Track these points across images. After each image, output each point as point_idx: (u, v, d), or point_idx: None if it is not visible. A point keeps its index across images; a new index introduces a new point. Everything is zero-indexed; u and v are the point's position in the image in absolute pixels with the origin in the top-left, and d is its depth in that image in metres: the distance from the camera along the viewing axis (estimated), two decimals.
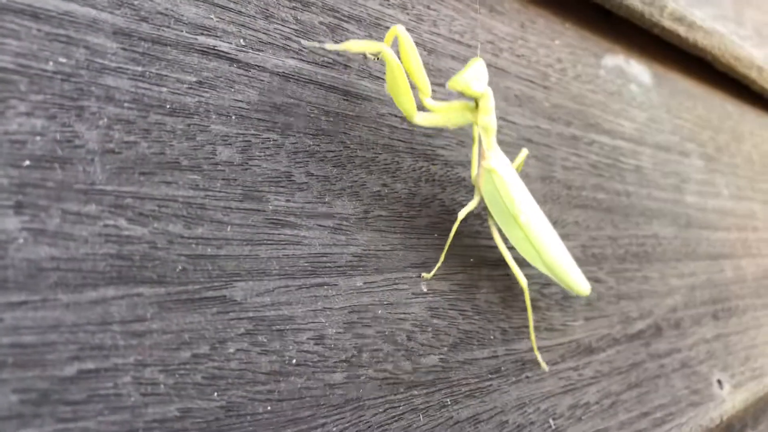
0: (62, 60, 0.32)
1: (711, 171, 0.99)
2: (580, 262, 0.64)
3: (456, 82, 0.44)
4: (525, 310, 0.55)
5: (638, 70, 0.89)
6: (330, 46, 0.43)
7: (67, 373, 0.29)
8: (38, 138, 0.31)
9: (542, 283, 0.58)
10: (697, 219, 0.89)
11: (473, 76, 0.44)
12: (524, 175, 0.61)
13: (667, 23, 0.85)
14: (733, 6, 1.07)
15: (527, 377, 0.52)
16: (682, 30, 0.88)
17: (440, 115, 0.46)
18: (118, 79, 0.34)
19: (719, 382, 0.76)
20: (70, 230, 0.31)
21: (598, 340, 0.62)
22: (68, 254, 0.30)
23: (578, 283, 0.54)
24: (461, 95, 0.46)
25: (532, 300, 0.56)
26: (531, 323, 0.51)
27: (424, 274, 0.47)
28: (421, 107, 0.47)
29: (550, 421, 0.53)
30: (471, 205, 0.48)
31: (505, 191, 0.48)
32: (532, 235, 0.50)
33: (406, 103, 0.44)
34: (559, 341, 0.57)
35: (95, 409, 0.29)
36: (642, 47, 0.91)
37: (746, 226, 1.02)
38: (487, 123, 0.46)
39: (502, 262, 0.55)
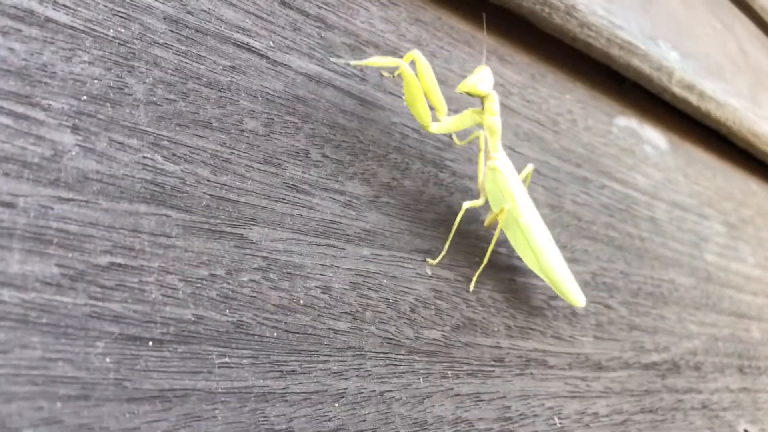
0: (121, 30, 0.40)
1: (734, 238, 1.01)
2: (589, 287, 0.66)
3: (464, 85, 0.50)
4: (531, 314, 0.57)
5: (652, 135, 0.94)
6: (354, 62, 0.50)
7: (101, 262, 0.34)
8: (96, 81, 0.37)
9: (549, 295, 0.61)
10: (719, 277, 0.90)
11: (479, 78, 0.50)
12: (532, 199, 0.65)
13: (677, 90, 0.91)
14: (748, 86, 1.13)
15: (532, 374, 0.54)
16: (693, 98, 0.94)
17: (452, 121, 0.52)
18: (164, 51, 0.41)
19: None
20: (114, 154, 0.37)
21: (608, 360, 0.63)
22: (111, 171, 0.36)
23: (573, 293, 0.57)
24: (469, 96, 0.52)
25: (539, 307, 0.59)
26: (488, 255, 0.54)
27: (429, 260, 0.51)
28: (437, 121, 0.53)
29: (555, 418, 0.54)
30: (476, 202, 0.53)
31: (508, 191, 0.53)
32: (531, 237, 0.54)
33: (422, 114, 0.50)
34: (566, 350, 0.59)
35: (121, 296, 0.34)
36: (656, 114, 0.96)
37: None
38: (492, 124, 0.52)
39: (508, 267, 0.58)
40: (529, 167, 0.60)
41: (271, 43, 0.48)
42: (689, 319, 0.79)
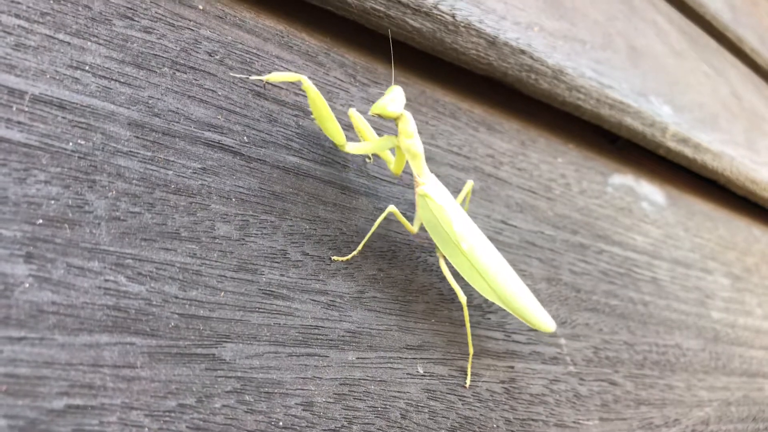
0: (81, 142, 0.38)
1: (739, 290, 0.98)
2: (592, 363, 0.63)
3: (375, 107, 0.47)
4: (532, 403, 0.54)
5: (649, 190, 0.92)
6: (254, 77, 0.48)
7: (56, 407, 0.31)
8: (52, 202, 0.35)
9: (551, 378, 0.58)
10: (727, 335, 0.87)
11: (389, 99, 0.47)
12: (528, 275, 0.63)
13: (672, 144, 0.89)
14: (744, 133, 1.11)
15: None
16: (688, 151, 0.92)
17: (368, 142, 0.49)
18: (129, 160, 0.39)
19: None
20: (73, 281, 0.34)
21: None
22: (68, 301, 0.33)
23: (539, 317, 0.52)
24: (380, 118, 0.49)
25: (540, 394, 0.56)
26: (470, 340, 0.51)
27: (334, 257, 0.47)
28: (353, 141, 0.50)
29: None
30: (408, 225, 0.50)
31: (443, 217, 0.49)
32: (478, 263, 0.50)
33: (334, 132, 0.47)
34: None
35: None
36: (652, 168, 0.94)
37: None
38: (409, 146, 0.48)
39: (506, 352, 0.55)
40: (469, 184, 0.55)
41: (245, 138, 0.46)
42: (699, 386, 0.76)
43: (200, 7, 0.48)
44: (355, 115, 0.49)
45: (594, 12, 0.89)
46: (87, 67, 0.40)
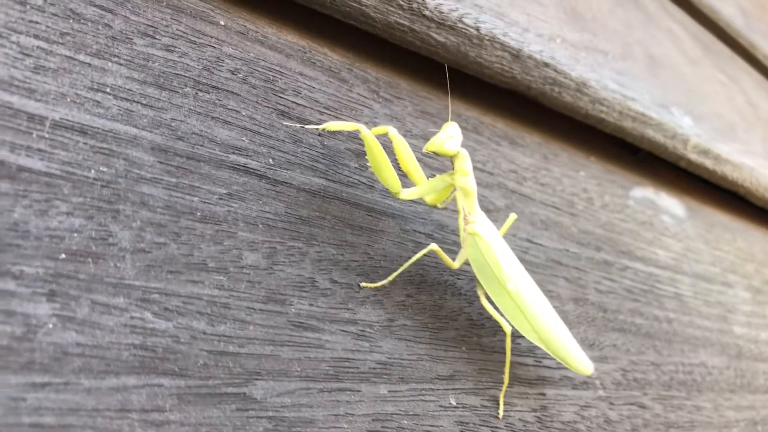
0: (103, 169, 0.36)
1: (760, 303, 0.96)
2: (621, 386, 0.61)
3: (431, 144, 0.46)
4: (563, 431, 0.52)
5: (669, 203, 0.90)
6: (310, 126, 0.46)
7: None
8: (75, 235, 0.33)
9: (582, 405, 0.56)
10: (750, 350, 0.85)
11: (447, 136, 0.45)
12: (556, 295, 0.61)
13: (693, 156, 0.87)
14: (762, 142, 1.10)
15: None
16: (709, 163, 0.90)
17: (423, 187, 0.47)
18: (153, 187, 0.37)
19: None
20: (98, 319, 0.32)
21: None
22: (94, 341, 0.32)
23: (578, 359, 0.51)
24: (436, 156, 0.47)
25: (571, 422, 0.54)
26: (507, 371, 0.49)
27: (363, 284, 0.45)
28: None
29: None
30: (450, 262, 0.48)
31: (491, 256, 0.48)
32: (523, 303, 0.49)
33: (389, 179, 0.46)
34: None
35: None
36: (672, 181, 0.93)
37: None
38: (464, 184, 0.47)
39: (537, 379, 0.53)
40: (512, 217, 0.54)
41: (270, 160, 0.44)
42: (725, 405, 0.74)
43: (222, 23, 0.47)
44: (394, 135, 0.47)
45: (613, 21, 0.88)
46: (108, 89, 0.38)
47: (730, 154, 0.94)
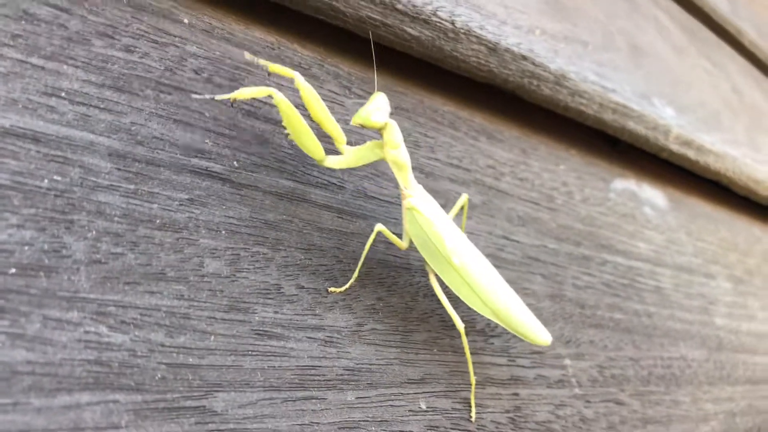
0: (57, 178, 0.35)
1: (741, 294, 0.96)
2: (598, 383, 0.61)
3: (357, 116, 0.44)
4: (536, 431, 0.52)
5: (651, 194, 0.90)
6: (219, 96, 0.42)
7: None
8: (26, 248, 0.32)
9: (556, 404, 0.55)
10: (730, 342, 0.85)
11: (374, 108, 0.44)
12: (532, 293, 0.60)
13: (675, 147, 0.87)
14: (745, 131, 1.09)
15: None
16: (691, 153, 0.90)
17: (350, 155, 0.45)
18: (109, 195, 0.36)
19: None
20: (50, 336, 0.31)
21: None
22: (45, 359, 0.31)
23: (533, 330, 0.49)
24: (364, 129, 0.46)
25: (546, 421, 0.54)
26: (471, 370, 0.48)
27: (330, 288, 0.45)
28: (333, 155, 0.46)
29: None
30: (397, 241, 0.47)
31: (432, 231, 0.46)
32: (470, 277, 0.47)
33: (311, 146, 0.43)
34: None
35: None
36: (654, 172, 0.92)
37: None
38: (395, 157, 0.45)
39: (510, 381, 0.53)
40: (463, 197, 0.52)
41: (235, 163, 0.43)
42: (704, 398, 0.74)
43: (186, 21, 0.45)
44: (301, 84, 0.42)
45: (595, 10, 0.87)
46: (63, 94, 0.37)
47: (713, 144, 0.94)
